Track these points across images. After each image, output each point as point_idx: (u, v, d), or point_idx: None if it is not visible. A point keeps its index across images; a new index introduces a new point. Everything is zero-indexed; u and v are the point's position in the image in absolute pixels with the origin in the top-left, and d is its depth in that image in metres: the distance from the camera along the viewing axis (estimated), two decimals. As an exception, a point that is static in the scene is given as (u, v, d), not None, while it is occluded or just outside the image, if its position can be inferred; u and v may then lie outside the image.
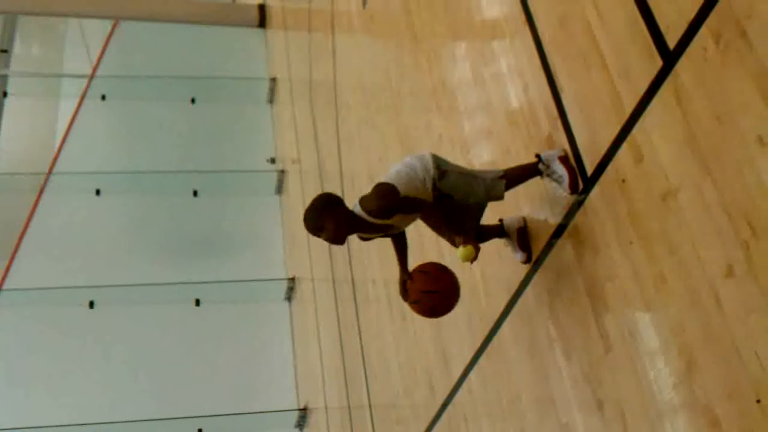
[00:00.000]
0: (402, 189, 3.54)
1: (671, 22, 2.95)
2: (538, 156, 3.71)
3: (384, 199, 3.54)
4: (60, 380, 10.92)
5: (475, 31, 4.92)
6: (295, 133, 11.71)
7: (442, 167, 3.63)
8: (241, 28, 14.96)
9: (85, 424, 10.33)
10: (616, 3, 3.33)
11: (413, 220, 3.73)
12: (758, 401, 2.46)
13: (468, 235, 3.73)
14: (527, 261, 4.02)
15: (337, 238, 3.56)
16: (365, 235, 3.77)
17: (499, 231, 4.05)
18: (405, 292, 3.76)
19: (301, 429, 11.03)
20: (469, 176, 3.68)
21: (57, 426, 10.28)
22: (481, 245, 4.00)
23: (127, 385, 10.98)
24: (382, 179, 3.64)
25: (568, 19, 3.72)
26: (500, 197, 3.68)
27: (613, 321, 3.29)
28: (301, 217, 3.58)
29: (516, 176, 3.74)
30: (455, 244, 3.54)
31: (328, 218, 3.52)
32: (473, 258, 3.51)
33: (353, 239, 3.88)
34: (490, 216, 3.92)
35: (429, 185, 3.59)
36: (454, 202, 3.65)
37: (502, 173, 3.69)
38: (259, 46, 14.84)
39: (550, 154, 3.68)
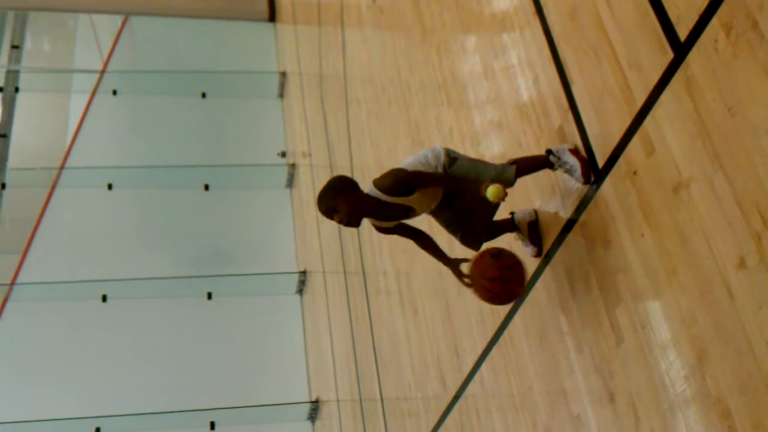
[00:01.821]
0: None
1: (682, 13, 2.94)
2: (548, 151, 3.71)
3: (399, 174, 3.53)
4: (73, 374, 10.98)
5: (485, 23, 4.91)
6: (305, 126, 11.72)
7: (452, 155, 3.64)
8: (251, 23, 14.98)
9: (98, 416, 10.41)
10: (627, -5, 3.32)
11: (432, 200, 3.68)
12: (770, 393, 2.47)
13: (480, 232, 3.73)
14: (538, 254, 4.02)
15: (352, 220, 3.54)
16: (382, 224, 3.76)
17: (510, 225, 4.05)
18: (463, 279, 3.66)
19: (312, 421, 11.07)
20: (479, 162, 3.68)
21: (70, 419, 10.36)
22: (493, 240, 4.02)
23: (140, 378, 11.03)
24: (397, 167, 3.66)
25: (579, 11, 3.71)
26: (510, 181, 3.63)
27: (625, 313, 3.29)
28: (313, 210, 3.60)
29: (527, 165, 3.73)
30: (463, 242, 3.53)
31: (342, 200, 3.51)
32: (503, 196, 3.37)
33: (371, 231, 3.87)
34: (501, 209, 3.92)
35: (440, 172, 3.60)
36: (465, 196, 3.65)
37: (513, 161, 3.69)
38: (269, 40, 14.86)
39: (560, 148, 3.68)
